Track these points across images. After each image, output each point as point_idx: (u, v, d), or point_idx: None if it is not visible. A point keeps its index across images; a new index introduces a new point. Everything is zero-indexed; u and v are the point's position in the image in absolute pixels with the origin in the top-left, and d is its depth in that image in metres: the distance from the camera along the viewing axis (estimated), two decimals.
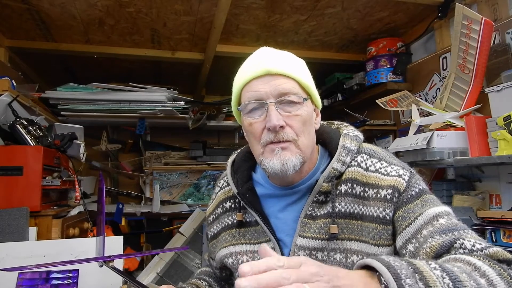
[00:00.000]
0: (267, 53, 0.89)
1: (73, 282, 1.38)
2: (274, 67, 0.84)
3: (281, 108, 0.84)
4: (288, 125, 0.84)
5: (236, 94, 0.91)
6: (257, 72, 0.85)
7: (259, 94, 0.84)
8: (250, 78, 0.86)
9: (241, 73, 0.90)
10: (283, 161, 0.83)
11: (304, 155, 0.86)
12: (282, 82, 0.84)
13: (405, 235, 0.78)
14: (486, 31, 1.57)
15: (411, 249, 0.76)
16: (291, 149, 0.84)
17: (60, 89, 2.48)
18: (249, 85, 0.86)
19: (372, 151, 0.91)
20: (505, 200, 1.71)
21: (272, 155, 0.84)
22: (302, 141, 0.85)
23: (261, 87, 0.84)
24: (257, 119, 0.85)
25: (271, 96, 0.83)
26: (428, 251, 0.72)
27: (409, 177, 0.84)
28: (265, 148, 0.86)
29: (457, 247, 0.69)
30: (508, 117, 1.45)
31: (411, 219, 0.79)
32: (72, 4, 1.87)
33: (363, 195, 0.86)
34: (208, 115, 2.95)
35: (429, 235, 0.74)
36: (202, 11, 1.98)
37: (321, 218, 0.87)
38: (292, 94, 0.84)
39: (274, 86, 0.83)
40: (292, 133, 0.84)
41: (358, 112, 2.64)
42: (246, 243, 0.95)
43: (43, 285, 1.35)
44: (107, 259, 1.05)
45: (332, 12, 2.08)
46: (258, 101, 0.84)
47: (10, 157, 1.62)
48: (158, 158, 3.15)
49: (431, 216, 0.78)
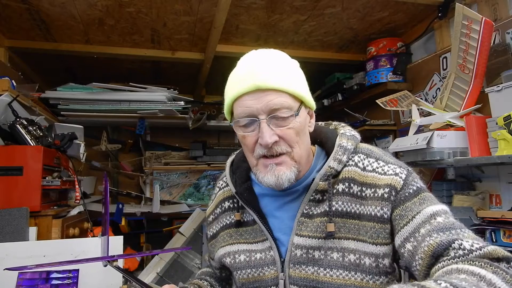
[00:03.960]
0: (256, 64, 0.85)
1: (73, 282, 1.38)
2: (264, 82, 0.81)
3: (273, 122, 0.83)
4: (281, 138, 0.83)
5: (228, 105, 0.89)
6: (247, 88, 0.82)
7: (250, 111, 0.83)
8: (240, 93, 0.84)
9: (232, 84, 0.88)
10: (277, 176, 0.83)
11: (299, 165, 0.86)
12: (273, 97, 0.82)
13: (403, 233, 0.79)
14: (486, 31, 1.57)
15: (410, 248, 0.76)
16: (286, 162, 0.84)
17: (60, 89, 2.48)
18: (240, 101, 0.84)
19: (369, 151, 0.91)
20: (505, 200, 1.71)
21: (266, 170, 0.85)
22: (297, 152, 0.85)
23: (252, 103, 0.82)
24: (249, 133, 0.85)
25: (262, 112, 0.82)
26: (426, 249, 0.72)
27: (406, 175, 0.85)
28: (259, 161, 0.86)
29: (456, 248, 0.69)
30: (508, 117, 1.45)
31: (408, 218, 0.79)
32: (72, 4, 1.87)
33: (361, 195, 0.86)
34: (208, 115, 2.96)
35: (427, 233, 0.74)
36: (202, 11, 1.98)
37: (318, 217, 0.87)
38: (284, 108, 0.82)
39: (265, 103, 0.82)
40: (286, 146, 0.84)
41: (358, 112, 2.64)
42: (244, 242, 0.96)
43: (43, 285, 1.35)
44: (111, 259, 1.07)
45: (332, 12, 2.08)
46: (249, 118, 0.84)
47: (10, 157, 1.62)
48: (158, 158, 3.16)
49: (429, 215, 0.78)
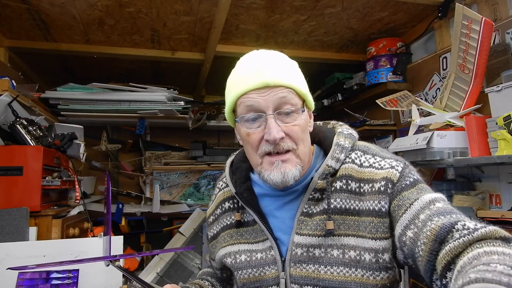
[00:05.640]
0: (262, 61, 0.87)
1: (73, 282, 1.38)
2: (273, 78, 0.83)
3: (279, 119, 0.84)
4: (287, 135, 0.84)
5: (231, 102, 0.89)
6: (255, 84, 0.83)
7: (257, 106, 0.84)
8: (248, 90, 0.84)
9: (237, 81, 0.88)
10: (283, 173, 0.84)
11: (303, 163, 0.87)
12: (281, 93, 0.83)
13: (403, 221, 0.77)
14: (486, 31, 1.57)
15: (411, 235, 0.74)
16: (291, 160, 0.85)
17: (60, 89, 2.48)
18: (246, 97, 0.85)
19: (366, 147, 0.92)
20: (505, 200, 1.71)
21: (272, 167, 0.85)
22: (301, 149, 0.86)
23: (260, 98, 0.83)
24: (255, 130, 0.85)
25: (270, 108, 0.83)
26: (429, 234, 0.70)
27: (403, 168, 0.85)
28: (263, 159, 0.86)
29: (460, 229, 0.67)
30: (508, 117, 1.45)
31: (406, 206, 0.78)
32: (72, 4, 1.87)
33: (359, 191, 0.86)
34: (208, 115, 2.95)
35: (428, 218, 0.72)
36: (202, 11, 1.98)
37: (317, 215, 0.87)
38: (290, 104, 0.84)
39: (273, 98, 0.83)
40: (292, 143, 0.85)
41: (358, 112, 2.64)
42: (244, 242, 0.96)
43: (43, 285, 1.35)
44: (114, 259, 1.08)
45: (332, 12, 2.08)
46: (256, 112, 0.84)
47: (10, 157, 1.62)
48: (158, 158, 3.15)
49: (427, 201, 0.77)
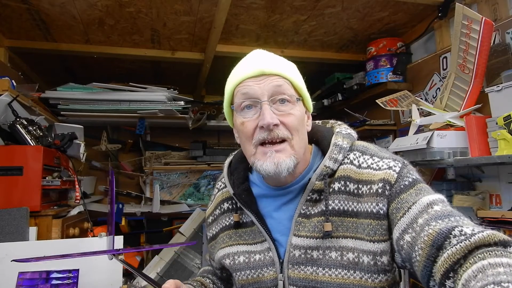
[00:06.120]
0: (261, 55, 0.91)
1: (73, 282, 1.38)
2: (268, 67, 0.86)
3: (274, 107, 0.85)
4: (282, 123, 0.84)
5: (229, 94, 0.91)
6: (252, 73, 0.86)
7: (253, 93, 0.85)
8: (244, 78, 0.86)
9: (235, 73, 0.91)
10: (276, 163, 0.83)
11: (298, 155, 0.86)
12: (276, 81, 0.85)
13: (401, 225, 0.77)
14: (486, 31, 1.57)
15: (408, 239, 0.74)
16: (286, 150, 0.84)
17: (60, 89, 2.48)
18: (242, 84, 0.87)
19: (364, 148, 0.91)
20: (505, 200, 1.71)
21: (265, 157, 0.84)
22: (296, 140, 0.86)
23: (255, 85, 0.85)
24: (250, 118, 0.86)
25: (265, 95, 0.84)
26: (426, 239, 0.69)
27: (401, 168, 0.84)
28: (257, 149, 0.86)
29: (457, 235, 0.67)
30: (508, 117, 1.45)
31: (405, 209, 0.78)
32: (72, 4, 1.87)
33: (357, 192, 0.85)
34: (208, 115, 2.95)
35: (425, 223, 0.72)
36: (202, 11, 1.98)
37: (315, 217, 0.87)
38: (286, 94, 0.85)
39: (268, 85, 0.84)
40: (287, 132, 0.85)
41: (358, 112, 2.64)
42: (243, 243, 0.96)
43: (43, 285, 1.35)
44: (117, 252, 1.14)
45: (332, 12, 2.08)
46: (251, 99, 0.85)
47: (10, 157, 1.62)
48: (158, 158, 3.15)
49: (425, 204, 0.76)
